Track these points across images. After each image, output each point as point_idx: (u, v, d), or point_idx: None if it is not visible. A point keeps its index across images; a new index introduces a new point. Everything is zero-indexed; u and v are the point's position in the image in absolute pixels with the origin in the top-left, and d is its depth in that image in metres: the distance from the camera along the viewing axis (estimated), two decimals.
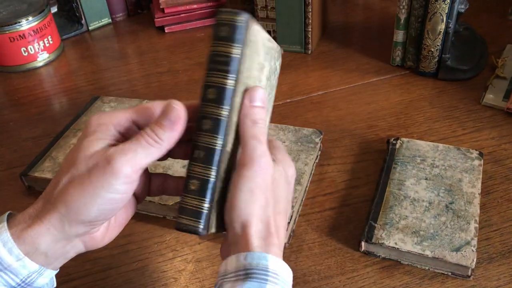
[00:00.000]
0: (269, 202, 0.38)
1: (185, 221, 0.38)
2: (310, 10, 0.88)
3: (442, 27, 0.78)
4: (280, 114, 0.79)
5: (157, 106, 0.40)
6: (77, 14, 1.08)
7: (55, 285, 0.42)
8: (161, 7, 1.04)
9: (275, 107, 0.81)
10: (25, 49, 0.96)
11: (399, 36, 0.84)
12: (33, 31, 0.95)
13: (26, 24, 0.94)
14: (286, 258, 0.57)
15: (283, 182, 0.41)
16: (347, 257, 0.57)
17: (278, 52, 0.47)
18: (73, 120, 0.77)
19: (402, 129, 0.74)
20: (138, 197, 0.44)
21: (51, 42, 1.00)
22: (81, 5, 1.07)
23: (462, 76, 0.83)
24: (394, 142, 0.68)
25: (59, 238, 0.38)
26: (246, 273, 0.35)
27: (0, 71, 0.99)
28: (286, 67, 0.92)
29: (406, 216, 0.58)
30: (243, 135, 0.39)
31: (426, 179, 0.62)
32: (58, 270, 0.41)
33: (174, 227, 0.39)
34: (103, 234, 0.41)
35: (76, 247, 0.40)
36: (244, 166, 0.38)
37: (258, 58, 0.42)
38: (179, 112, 0.38)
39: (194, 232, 0.38)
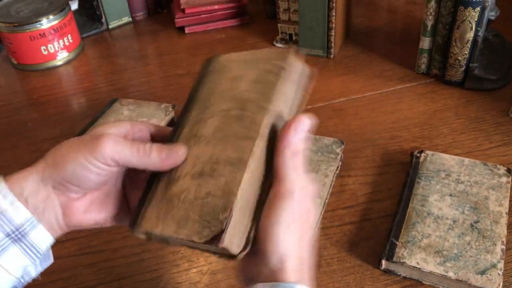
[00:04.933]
0: (303, 235, 0.39)
1: None
2: (334, 14, 0.86)
3: (470, 35, 0.75)
4: None
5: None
6: (98, 13, 1.08)
7: (52, 261, 0.43)
8: (181, 7, 1.03)
9: None
10: (45, 47, 0.96)
11: (425, 43, 0.81)
12: (53, 29, 0.95)
13: (47, 23, 0.94)
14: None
15: (313, 210, 0.41)
16: (366, 275, 0.55)
17: (280, 54, 0.48)
18: (91, 123, 0.76)
19: (426, 140, 0.72)
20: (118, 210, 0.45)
21: (71, 41, 0.99)
22: (101, 3, 1.06)
23: (490, 86, 0.80)
24: (418, 155, 0.65)
25: (40, 186, 0.40)
26: None
27: (20, 69, 0.99)
28: None
29: (429, 234, 0.56)
30: (281, 166, 0.38)
31: (450, 195, 0.60)
32: (53, 240, 0.41)
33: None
34: (81, 208, 0.42)
35: (52, 209, 0.41)
36: (283, 199, 0.37)
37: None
38: (179, 160, 0.41)
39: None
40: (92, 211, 0.43)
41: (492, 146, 0.70)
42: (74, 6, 1.12)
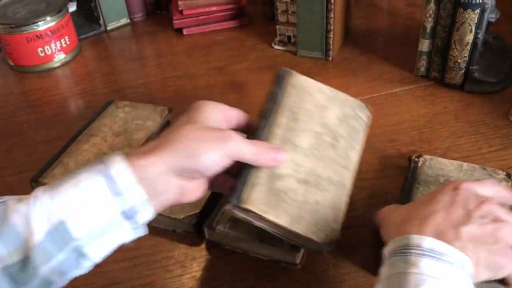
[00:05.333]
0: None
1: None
2: (332, 16, 0.85)
3: (470, 37, 0.74)
4: None
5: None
6: (96, 14, 1.07)
7: (146, 233, 0.45)
8: (179, 8, 1.02)
9: None
10: (42, 49, 0.95)
11: (425, 45, 0.80)
12: (50, 31, 0.95)
13: (44, 25, 0.93)
14: (298, 280, 0.54)
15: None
16: (362, 282, 0.54)
17: (359, 105, 0.60)
18: (86, 125, 0.75)
19: (425, 144, 0.71)
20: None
21: (68, 42, 0.99)
22: (99, 4, 1.06)
23: (490, 89, 0.79)
24: (416, 159, 0.65)
25: (165, 173, 0.43)
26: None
27: (16, 71, 0.99)
28: (305, 74, 0.88)
29: None
30: None
31: None
32: (154, 215, 0.45)
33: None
34: (192, 189, 0.47)
35: (171, 192, 0.45)
36: None
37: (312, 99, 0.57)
38: (281, 163, 0.50)
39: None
40: (198, 190, 0.49)
41: (491, 150, 0.69)
42: (73, 7, 1.12)
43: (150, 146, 0.45)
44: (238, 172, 0.49)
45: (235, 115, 0.52)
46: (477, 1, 0.71)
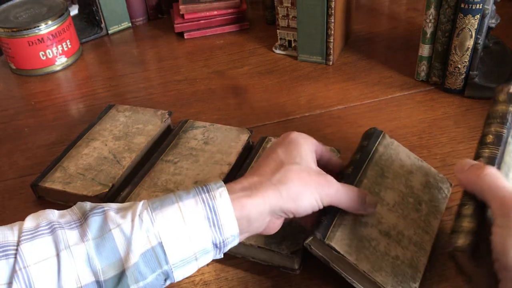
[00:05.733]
0: None
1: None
2: (333, 20, 0.85)
3: (470, 43, 0.74)
4: (297, 129, 0.76)
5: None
6: (97, 18, 1.07)
7: (221, 257, 0.47)
8: (181, 13, 1.03)
9: (292, 120, 0.79)
10: (43, 53, 0.96)
11: (425, 50, 0.80)
12: (52, 35, 0.95)
13: (45, 28, 0.94)
14: (297, 286, 0.54)
15: None
16: None
17: (441, 177, 0.60)
18: (87, 129, 0.75)
19: (425, 149, 0.71)
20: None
21: (69, 46, 0.99)
22: (101, 8, 1.06)
23: (490, 94, 0.78)
24: None
25: (265, 212, 0.45)
26: None
27: (18, 74, 0.99)
28: (305, 78, 0.89)
29: None
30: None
31: None
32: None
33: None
34: (277, 223, 0.48)
35: (262, 226, 0.47)
36: None
37: None
38: (370, 213, 0.51)
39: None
40: (280, 225, 0.49)
41: None
42: (74, 11, 1.12)
43: (252, 181, 0.46)
44: (323, 209, 0.50)
45: (328, 156, 0.54)
46: (477, 7, 0.71)
